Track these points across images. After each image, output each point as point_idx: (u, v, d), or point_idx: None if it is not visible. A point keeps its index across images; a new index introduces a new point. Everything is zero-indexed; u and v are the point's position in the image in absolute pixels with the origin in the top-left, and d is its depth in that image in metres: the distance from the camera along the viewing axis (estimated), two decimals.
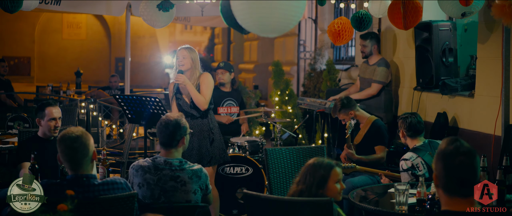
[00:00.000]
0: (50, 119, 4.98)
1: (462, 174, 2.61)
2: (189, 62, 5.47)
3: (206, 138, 5.48)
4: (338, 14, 10.04)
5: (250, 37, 14.92)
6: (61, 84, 12.44)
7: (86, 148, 3.38)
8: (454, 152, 2.61)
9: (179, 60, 5.45)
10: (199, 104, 5.42)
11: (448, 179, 2.62)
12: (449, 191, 2.63)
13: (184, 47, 5.56)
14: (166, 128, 3.98)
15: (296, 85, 11.85)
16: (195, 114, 5.49)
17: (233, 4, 2.92)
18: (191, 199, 3.91)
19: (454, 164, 2.60)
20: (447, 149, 2.63)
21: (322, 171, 3.45)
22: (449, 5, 5.12)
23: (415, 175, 4.69)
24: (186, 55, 5.47)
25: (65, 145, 3.37)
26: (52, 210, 2.95)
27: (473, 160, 2.62)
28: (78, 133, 3.38)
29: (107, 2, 8.42)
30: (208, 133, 5.50)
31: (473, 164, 2.62)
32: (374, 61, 7.32)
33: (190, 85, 5.39)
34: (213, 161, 5.46)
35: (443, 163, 2.63)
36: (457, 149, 2.62)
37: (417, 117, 4.97)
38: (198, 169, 3.99)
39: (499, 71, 5.64)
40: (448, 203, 2.64)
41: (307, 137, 9.01)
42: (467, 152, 2.61)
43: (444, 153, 2.64)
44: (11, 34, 21.63)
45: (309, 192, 3.43)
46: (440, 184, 2.66)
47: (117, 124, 10.84)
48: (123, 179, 3.57)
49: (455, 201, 2.63)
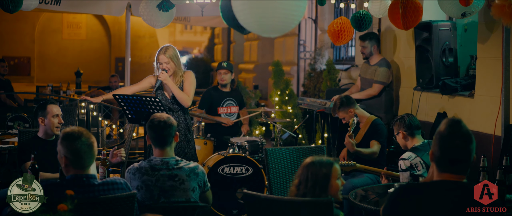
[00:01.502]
0: (53, 115, 5.01)
1: (455, 155, 2.79)
2: (172, 66, 5.65)
3: (183, 135, 5.67)
4: (338, 14, 10.04)
5: (250, 37, 14.92)
6: (61, 84, 12.44)
7: (95, 149, 3.38)
8: (451, 135, 2.79)
9: (163, 66, 5.62)
10: (183, 101, 5.64)
11: (441, 158, 2.82)
12: (440, 167, 2.83)
13: (162, 52, 5.65)
14: (159, 128, 3.97)
15: (296, 85, 11.85)
16: (174, 109, 5.69)
17: (233, 4, 2.92)
18: (190, 197, 3.91)
19: (449, 146, 2.79)
20: (445, 131, 2.81)
21: (324, 169, 3.42)
22: (449, 5, 5.12)
23: (413, 175, 4.70)
24: (167, 60, 5.62)
25: (81, 142, 3.31)
26: (52, 210, 2.94)
27: (468, 144, 2.79)
28: (88, 134, 3.37)
29: (107, 2, 8.42)
30: (185, 130, 5.70)
31: (467, 148, 2.79)
32: (375, 61, 7.32)
33: (173, 85, 5.60)
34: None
35: (439, 144, 2.82)
36: (455, 133, 2.79)
37: (412, 116, 5.02)
38: (194, 166, 4.00)
39: (499, 71, 5.65)
40: (438, 176, 2.84)
41: (307, 137, 9.01)
42: (463, 135, 2.79)
43: (442, 135, 2.82)
44: (11, 34, 21.62)
45: (313, 193, 3.40)
46: (434, 159, 2.86)
47: (117, 124, 10.84)
48: (123, 179, 3.57)
49: (444, 176, 2.81)
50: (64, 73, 20.97)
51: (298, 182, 3.48)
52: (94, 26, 23.41)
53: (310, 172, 3.44)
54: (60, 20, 23.00)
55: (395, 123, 5.04)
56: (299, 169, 3.53)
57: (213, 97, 7.35)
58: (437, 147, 2.84)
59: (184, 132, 5.71)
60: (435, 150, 2.85)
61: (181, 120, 5.72)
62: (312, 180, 3.41)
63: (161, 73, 5.58)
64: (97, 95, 10.45)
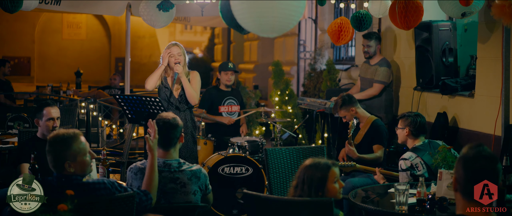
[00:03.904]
0: (48, 119, 4.98)
1: (483, 178, 2.59)
2: (183, 59, 5.71)
3: (189, 134, 5.70)
4: (338, 14, 10.03)
5: (250, 37, 14.92)
6: (61, 84, 12.44)
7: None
8: (476, 156, 2.60)
9: (175, 58, 5.65)
10: (191, 98, 5.66)
11: (468, 183, 2.61)
12: (468, 195, 2.61)
13: (177, 44, 5.76)
14: (164, 129, 3.92)
15: (296, 85, 11.84)
16: (181, 108, 5.71)
17: (232, 4, 2.92)
18: (191, 200, 3.89)
19: (475, 168, 2.59)
20: (469, 153, 2.62)
21: (319, 173, 3.38)
22: (449, 5, 5.12)
23: (413, 175, 4.69)
24: (181, 52, 5.70)
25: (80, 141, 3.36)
26: (52, 210, 2.94)
27: (494, 165, 2.61)
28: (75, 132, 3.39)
29: (107, 2, 8.42)
30: (191, 130, 5.74)
31: (495, 169, 2.61)
32: (375, 61, 7.32)
33: (185, 79, 5.65)
34: (189, 161, 5.68)
35: (464, 167, 2.61)
36: (479, 153, 2.60)
37: (423, 118, 4.99)
38: (197, 169, 3.97)
39: (499, 71, 5.64)
40: (464, 208, 2.63)
41: (307, 137, 9.01)
42: (489, 157, 2.60)
43: (466, 157, 2.62)
44: (11, 34, 21.62)
45: (309, 196, 3.37)
46: (459, 188, 2.64)
47: (117, 124, 10.84)
48: (108, 179, 3.51)
49: (472, 204, 2.62)
50: (64, 73, 20.97)
51: (295, 184, 3.46)
52: (94, 26, 23.40)
53: (306, 175, 3.40)
54: (60, 20, 23.00)
55: (405, 118, 4.97)
56: (298, 171, 3.51)
57: (214, 96, 7.35)
58: (462, 171, 2.63)
59: (191, 131, 5.74)
60: (459, 176, 2.64)
61: (188, 119, 5.76)
62: (308, 183, 3.38)
63: (177, 65, 5.59)
64: (97, 95, 10.48)
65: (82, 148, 3.36)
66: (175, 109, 5.67)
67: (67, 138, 3.33)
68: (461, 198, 2.63)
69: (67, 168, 3.32)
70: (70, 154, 3.31)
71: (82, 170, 3.38)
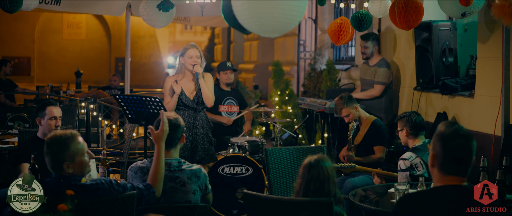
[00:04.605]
0: (51, 118, 4.99)
1: (460, 155, 2.75)
2: (200, 61, 5.76)
3: (205, 134, 5.73)
4: (338, 14, 10.03)
5: (250, 37, 14.92)
6: (61, 84, 12.44)
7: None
8: (454, 134, 2.75)
9: (193, 60, 5.69)
10: (208, 100, 5.70)
11: (446, 159, 2.76)
12: (445, 169, 2.77)
13: (192, 46, 5.78)
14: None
15: (296, 85, 11.84)
16: (197, 109, 5.75)
17: (234, 4, 2.92)
18: (190, 200, 3.90)
19: (453, 145, 2.74)
20: (447, 131, 2.77)
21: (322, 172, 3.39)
22: (449, 5, 5.12)
23: (412, 175, 4.69)
24: (199, 55, 5.75)
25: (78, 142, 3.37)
26: (52, 211, 2.95)
27: (470, 143, 2.77)
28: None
29: (107, 2, 8.41)
30: (206, 130, 5.75)
31: (470, 146, 2.76)
32: (374, 62, 7.32)
33: (203, 81, 5.70)
34: (205, 161, 5.75)
35: (442, 144, 2.76)
36: (457, 132, 2.76)
37: (419, 116, 4.99)
38: (197, 169, 3.97)
39: (499, 71, 5.64)
40: (441, 180, 2.78)
41: (307, 137, 9.01)
42: (465, 135, 2.76)
43: (444, 135, 2.77)
44: (11, 34, 21.62)
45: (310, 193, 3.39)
46: (437, 163, 2.79)
47: (117, 124, 10.83)
48: (104, 178, 3.51)
49: (449, 178, 2.76)
50: (64, 73, 20.97)
51: (300, 182, 3.47)
52: (94, 26, 23.40)
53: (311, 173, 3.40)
54: (60, 20, 23.00)
55: (401, 119, 5.01)
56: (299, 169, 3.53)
57: (215, 94, 7.35)
58: (440, 147, 2.77)
59: (206, 131, 5.77)
60: (437, 152, 2.78)
61: (204, 120, 5.79)
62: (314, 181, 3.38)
63: (196, 66, 5.65)
64: (97, 95, 10.48)
65: (80, 149, 3.36)
66: (194, 111, 5.71)
67: (64, 139, 3.33)
68: (437, 172, 2.79)
69: (66, 169, 3.32)
70: (68, 155, 3.32)
71: (81, 170, 3.39)
